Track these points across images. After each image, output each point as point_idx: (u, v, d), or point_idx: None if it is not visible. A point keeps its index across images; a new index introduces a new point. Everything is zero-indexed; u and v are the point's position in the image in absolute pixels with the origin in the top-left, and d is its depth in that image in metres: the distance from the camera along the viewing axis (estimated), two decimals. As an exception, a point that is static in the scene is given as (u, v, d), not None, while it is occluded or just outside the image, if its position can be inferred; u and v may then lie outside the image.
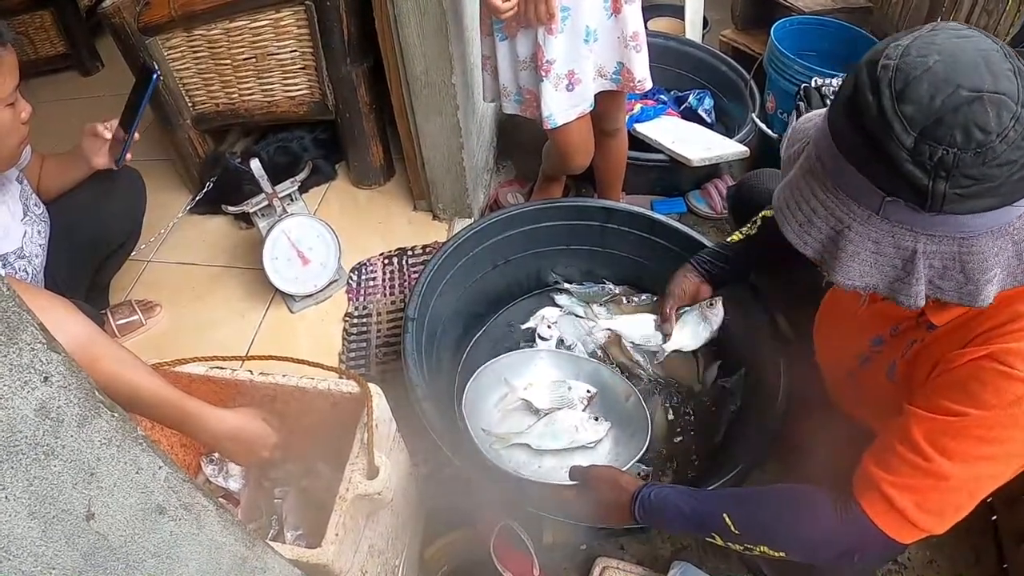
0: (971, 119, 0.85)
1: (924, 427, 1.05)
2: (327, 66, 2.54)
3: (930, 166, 0.87)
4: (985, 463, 1.03)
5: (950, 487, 1.04)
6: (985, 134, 0.84)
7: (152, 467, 0.65)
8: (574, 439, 1.85)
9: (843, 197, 0.98)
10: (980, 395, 1.00)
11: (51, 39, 3.85)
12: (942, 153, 0.86)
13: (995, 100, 0.85)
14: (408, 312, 1.91)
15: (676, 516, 1.32)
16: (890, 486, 1.07)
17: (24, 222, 1.85)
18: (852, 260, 0.98)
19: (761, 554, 1.21)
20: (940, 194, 0.88)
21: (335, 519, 1.19)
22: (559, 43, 1.92)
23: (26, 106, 1.70)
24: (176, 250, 2.75)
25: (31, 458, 0.51)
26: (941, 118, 0.86)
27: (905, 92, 0.88)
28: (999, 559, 1.81)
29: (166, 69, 2.53)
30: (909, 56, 0.89)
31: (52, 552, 0.53)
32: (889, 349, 1.27)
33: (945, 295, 0.96)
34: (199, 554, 0.73)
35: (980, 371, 1.01)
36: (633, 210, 2.21)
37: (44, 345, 0.51)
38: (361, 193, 2.94)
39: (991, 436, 1.00)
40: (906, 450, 1.06)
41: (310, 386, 1.40)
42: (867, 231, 0.97)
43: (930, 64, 0.87)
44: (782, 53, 2.80)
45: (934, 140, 0.86)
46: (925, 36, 0.92)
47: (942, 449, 1.02)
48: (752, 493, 1.33)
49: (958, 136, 0.85)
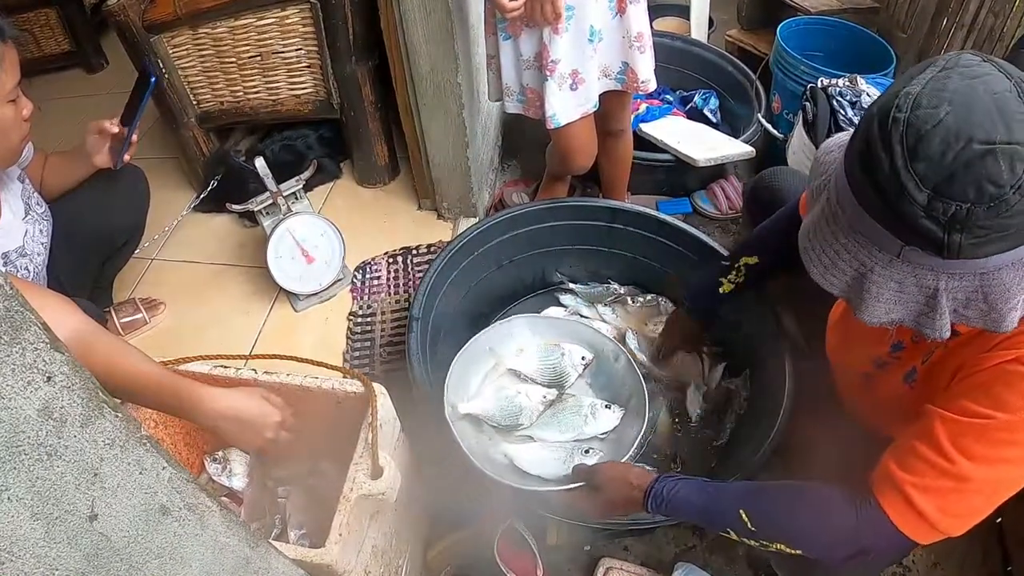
0: (983, 175, 0.84)
1: (947, 428, 1.05)
2: (332, 65, 2.54)
3: (944, 220, 0.87)
4: (1007, 466, 1.03)
5: (971, 489, 1.04)
6: (998, 188, 0.84)
7: (156, 467, 0.64)
8: (582, 431, 1.76)
9: (864, 242, 0.98)
10: (1006, 398, 1.00)
11: (56, 36, 3.85)
12: (956, 208, 0.86)
13: (1008, 152, 0.84)
14: (413, 311, 1.90)
15: (690, 510, 1.32)
16: (911, 487, 1.06)
17: (26, 220, 1.85)
18: (876, 300, 0.99)
19: (776, 551, 1.21)
20: (956, 244, 0.88)
21: (339, 519, 1.19)
22: (564, 43, 1.92)
23: (28, 103, 1.70)
24: (180, 248, 2.75)
25: (34, 458, 0.50)
26: (953, 174, 0.85)
27: (917, 149, 0.87)
28: (1004, 561, 1.80)
29: (171, 67, 2.53)
30: (920, 109, 0.88)
31: (55, 553, 0.53)
32: (909, 355, 1.26)
33: (970, 322, 0.97)
34: (202, 555, 0.72)
35: (1006, 375, 1.01)
36: (639, 210, 2.20)
37: (47, 344, 0.51)
38: (366, 192, 2.94)
39: (1015, 439, 1.00)
40: (928, 451, 1.06)
41: (314, 385, 1.39)
42: (889, 273, 0.97)
43: (941, 116, 0.87)
44: (788, 53, 2.80)
45: (948, 197, 0.86)
46: (938, 79, 0.90)
47: (964, 451, 1.02)
48: (768, 489, 1.32)
49: (971, 192, 0.85)
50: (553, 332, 1.94)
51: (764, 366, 1.87)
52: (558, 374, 1.87)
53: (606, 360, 1.88)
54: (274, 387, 1.42)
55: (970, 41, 2.71)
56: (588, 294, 2.31)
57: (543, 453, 1.72)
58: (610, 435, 1.75)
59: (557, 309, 2.29)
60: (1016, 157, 0.83)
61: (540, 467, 1.67)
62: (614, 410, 1.77)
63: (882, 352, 1.33)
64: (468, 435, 1.72)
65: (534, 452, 1.72)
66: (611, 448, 1.71)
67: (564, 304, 2.31)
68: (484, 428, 1.79)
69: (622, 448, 1.66)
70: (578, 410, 1.78)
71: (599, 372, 1.89)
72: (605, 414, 1.76)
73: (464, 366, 1.82)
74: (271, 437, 1.36)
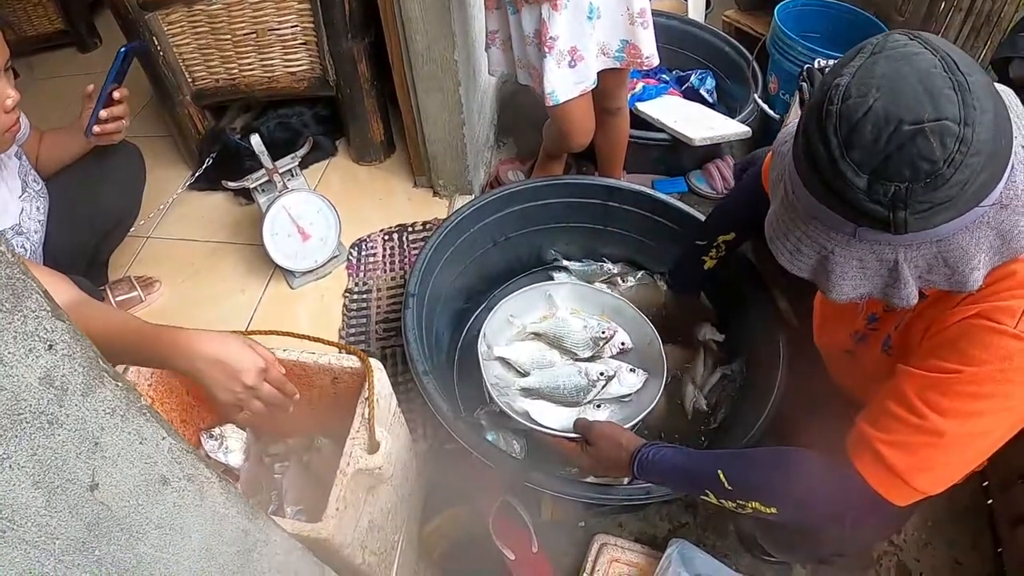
0: (916, 154, 0.88)
1: (916, 384, 1.08)
2: (328, 41, 2.53)
3: (886, 201, 0.91)
4: (977, 419, 1.05)
5: (944, 444, 1.05)
6: (932, 164, 0.87)
7: (156, 437, 0.65)
8: (607, 391, 1.89)
9: (821, 227, 1.02)
10: (971, 352, 1.03)
11: (48, 15, 3.79)
12: (895, 189, 0.90)
13: (936, 128, 0.87)
14: (409, 288, 1.91)
15: (672, 472, 1.39)
16: (883, 444, 1.09)
17: (22, 198, 1.84)
18: (842, 279, 1.03)
19: (753, 511, 1.24)
20: (901, 221, 0.92)
21: (336, 493, 1.20)
22: (563, 19, 1.91)
23: (12, 94, 1.66)
24: (176, 226, 2.74)
25: (35, 427, 0.50)
26: (888, 157, 0.89)
27: (851, 138, 0.91)
28: (994, 543, 1.82)
29: (165, 44, 2.52)
30: (850, 99, 0.92)
31: (56, 522, 0.53)
32: (883, 324, 1.29)
33: (937, 286, 1.00)
34: (202, 526, 0.73)
35: (971, 329, 1.04)
36: (635, 189, 2.21)
37: (49, 312, 0.51)
38: (361, 169, 2.93)
39: (983, 392, 1.03)
40: (899, 408, 1.09)
41: (311, 360, 1.40)
42: (849, 252, 1.01)
43: (870, 104, 0.90)
44: (785, 34, 2.78)
45: (885, 179, 0.90)
46: (866, 67, 0.94)
47: (935, 406, 1.05)
48: (748, 452, 1.42)
49: (906, 172, 0.89)
50: (595, 306, 2.10)
51: (760, 352, 1.89)
52: (596, 348, 1.98)
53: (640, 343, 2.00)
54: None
55: (968, 24, 2.69)
56: (583, 272, 2.32)
57: (559, 411, 1.87)
58: (632, 397, 1.89)
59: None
60: (945, 132, 0.87)
61: (553, 420, 1.84)
62: (638, 374, 1.89)
63: (859, 326, 1.36)
64: (493, 376, 1.89)
65: (549, 407, 1.87)
66: (629, 410, 1.86)
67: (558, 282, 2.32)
68: (509, 377, 1.94)
69: (638, 410, 1.81)
70: (601, 365, 1.92)
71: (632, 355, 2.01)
72: (630, 377, 1.89)
73: (510, 313, 2.00)
74: (251, 384, 1.24)
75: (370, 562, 1.36)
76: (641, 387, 1.88)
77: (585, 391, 1.87)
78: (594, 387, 1.87)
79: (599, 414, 1.83)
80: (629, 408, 1.87)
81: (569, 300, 2.08)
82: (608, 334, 1.97)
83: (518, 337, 2.06)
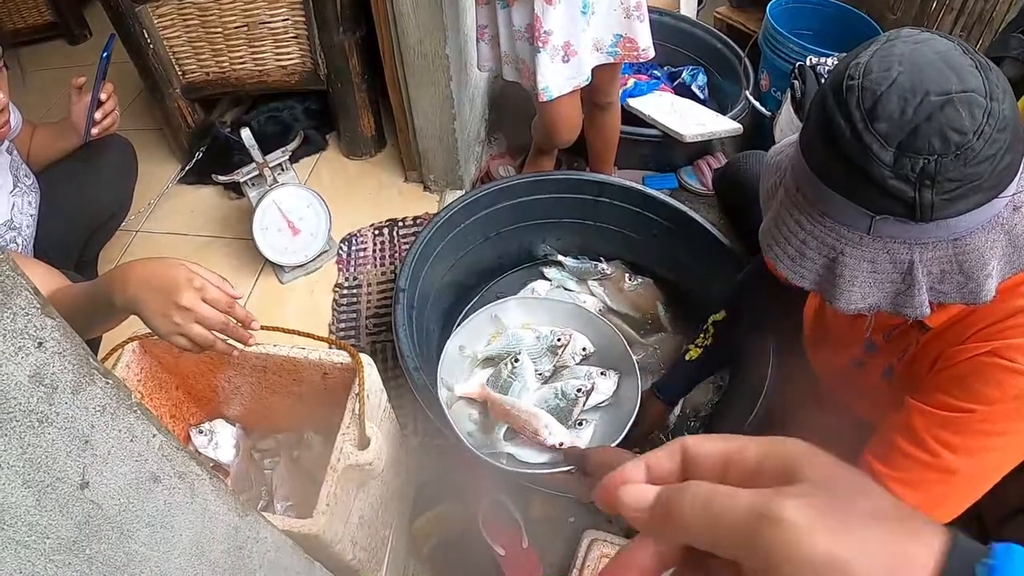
0: (946, 123, 0.85)
1: (927, 421, 1.06)
2: (319, 35, 2.51)
3: (914, 177, 0.87)
4: (990, 454, 1.04)
5: (956, 481, 1.05)
6: (962, 135, 0.85)
7: (146, 435, 0.64)
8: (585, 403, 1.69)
9: (831, 224, 0.97)
10: (983, 391, 1.01)
11: (38, 7, 3.75)
12: (924, 162, 0.86)
13: (965, 99, 0.85)
14: (399, 283, 1.90)
15: None
16: (895, 482, 1.07)
17: (13, 194, 1.83)
18: (851, 284, 0.97)
19: None
20: (928, 203, 0.88)
21: (326, 489, 1.19)
22: (557, 14, 1.90)
23: (0, 97, 1.66)
24: (165, 220, 2.73)
25: (25, 425, 0.50)
26: (916, 128, 0.86)
27: (875, 109, 0.88)
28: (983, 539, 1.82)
29: (156, 37, 2.50)
30: (872, 73, 0.90)
31: (46, 521, 0.53)
32: (884, 353, 1.27)
33: (948, 298, 0.96)
34: (193, 523, 0.73)
35: (982, 367, 1.02)
36: (625, 184, 2.21)
37: (38, 310, 0.51)
38: (352, 164, 2.92)
39: (996, 430, 1.02)
40: (909, 445, 1.07)
41: (301, 356, 1.39)
42: (861, 253, 0.96)
43: (894, 76, 0.88)
44: (777, 31, 2.79)
45: (914, 151, 0.86)
46: (884, 48, 0.92)
47: (946, 443, 1.03)
48: None
49: (936, 143, 0.85)
50: (547, 315, 1.90)
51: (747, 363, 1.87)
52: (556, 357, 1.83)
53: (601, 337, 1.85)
54: (260, 358, 1.42)
55: (959, 24, 2.71)
56: (576, 269, 2.32)
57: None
58: (609, 400, 1.72)
59: (542, 283, 2.29)
60: (974, 103, 0.85)
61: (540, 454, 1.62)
62: (610, 376, 1.74)
63: (856, 352, 1.34)
64: (463, 417, 1.71)
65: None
66: (611, 418, 1.69)
67: (549, 278, 2.31)
68: (480, 409, 1.75)
69: (620, 419, 1.63)
70: (576, 380, 1.73)
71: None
72: (603, 382, 1.73)
73: (460, 343, 1.80)
74: (186, 304, 1.16)
75: (360, 558, 1.36)
76: (616, 388, 1.75)
77: (567, 412, 1.68)
78: (575, 406, 1.69)
79: (583, 433, 1.66)
80: (610, 415, 1.71)
81: (517, 315, 1.90)
82: (564, 340, 1.83)
83: (471, 367, 1.86)
